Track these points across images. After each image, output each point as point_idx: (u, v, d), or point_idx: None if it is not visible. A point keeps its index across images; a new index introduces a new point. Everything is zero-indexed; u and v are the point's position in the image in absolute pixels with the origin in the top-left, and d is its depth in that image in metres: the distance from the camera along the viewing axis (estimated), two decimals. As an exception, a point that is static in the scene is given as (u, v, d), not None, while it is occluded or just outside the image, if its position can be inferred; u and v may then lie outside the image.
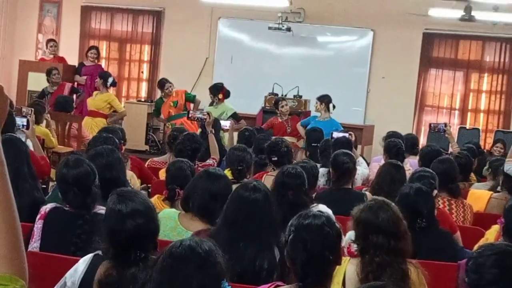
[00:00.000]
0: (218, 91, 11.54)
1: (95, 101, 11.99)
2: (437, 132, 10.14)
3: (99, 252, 3.47)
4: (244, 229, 3.97)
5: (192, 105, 12.09)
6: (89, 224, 4.24)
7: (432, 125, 10.28)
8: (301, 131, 11.25)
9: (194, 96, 12.13)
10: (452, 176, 6.48)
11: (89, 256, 3.49)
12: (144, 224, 3.41)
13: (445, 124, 10.02)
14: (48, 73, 12.29)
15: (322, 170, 7.46)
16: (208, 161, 7.73)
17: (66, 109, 10.87)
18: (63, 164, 4.54)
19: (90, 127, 11.26)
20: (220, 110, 11.54)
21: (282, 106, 11.55)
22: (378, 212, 3.74)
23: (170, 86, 12.12)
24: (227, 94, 11.63)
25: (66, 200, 4.43)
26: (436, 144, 9.34)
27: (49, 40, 14.66)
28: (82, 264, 3.49)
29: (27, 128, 7.57)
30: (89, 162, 4.52)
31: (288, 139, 10.43)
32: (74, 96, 12.64)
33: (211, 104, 11.71)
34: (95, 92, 12.38)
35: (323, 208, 5.07)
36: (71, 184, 4.37)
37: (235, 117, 11.53)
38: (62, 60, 14.33)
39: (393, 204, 3.95)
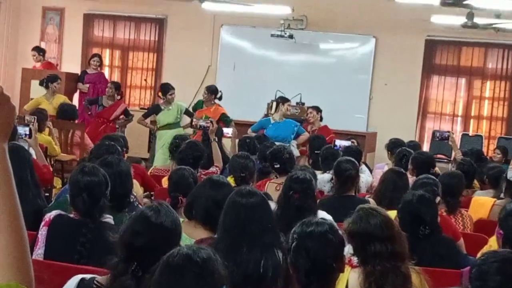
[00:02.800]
0: (168, 90, 11.57)
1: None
2: (441, 140, 10.15)
3: (86, 277, 3.39)
4: (245, 233, 3.96)
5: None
6: (94, 232, 4.24)
7: (437, 133, 10.28)
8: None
9: (231, 120, 11.62)
10: (455, 192, 6.44)
11: (74, 283, 3.35)
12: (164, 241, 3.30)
13: (448, 132, 10.03)
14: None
15: (327, 176, 7.45)
16: (211, 168, 7.73)
17: (70, 117, 10.87)
18: (78, 169, 4.54)
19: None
20: (176, 109, 11.53)
21: (307, 114, 11.59)
22: (369, 220, 3.72)
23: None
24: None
25: (73, 206, 4.44)
26: (427, 151, 9.33)
27: (34, 48, 14.61)
28: None
29: (29, 137, 7.56)
30: (104, 173, 4.51)
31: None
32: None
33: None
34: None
35: (323, 214, 5.08)
36: (82, 190, 4.36)
37: (188, 113, 11.63)
38: (50, 66, 14.40)
39: (380, 208, 3.94)
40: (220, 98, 11.80)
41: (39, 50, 14.46)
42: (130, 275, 3.20)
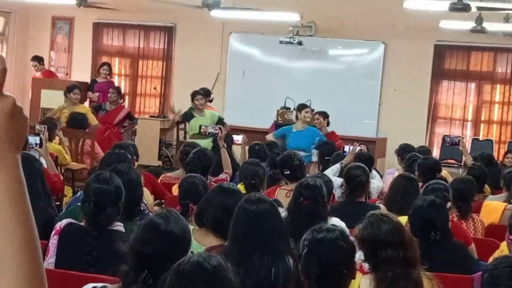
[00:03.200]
0: (194, 95, 11.40)
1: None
2: (451, 145, 10.15)
3: (97, 285, 3.39)
4: (256, 241, 3.97)
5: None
6: (100, 241, 4.23)
7: (447, 138, 10.27)
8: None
9: (223, 119, 11.54)
10: (467, 197, 6.44)
11: None
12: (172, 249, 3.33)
13: (459, 138, 10.02)
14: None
15: (339, 181, 7.43)
16: (221, 175, 7.72)
17: (80, 126, 10.89)
18: (94, 175, 4.56)
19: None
20: (209, 118, 11.37)
21: (314, 120, 11.50)
22: (380, 226, 3.71)
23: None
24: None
25: (83, 211, 4.47)
26: (432, 157, 9.31)
27: (33, 58, 14.64)
28: None
29: (40, 146, 7.58)
30: (119, 184, 4.48)
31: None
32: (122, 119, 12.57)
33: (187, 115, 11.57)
34: None
35: (336, 221, 5.07)
36: (90, 196, 4.39)
37: (221, 122, 11.47)
38: (50, 74, 14.47)
39: (391, 214, 3.93)
40: (211, 101, 11.82)
41: (38, 60, 14.51)
42: (141, 284, 3.21)
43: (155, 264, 3.24)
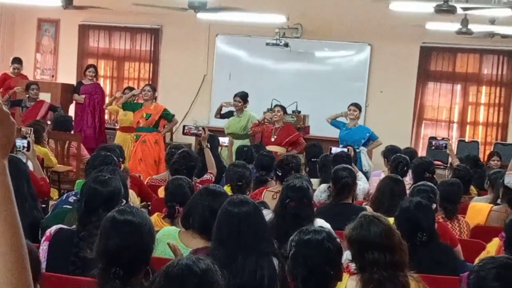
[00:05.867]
0: (247, 97, 11.75)
1: (128, 117, 12.05)
2: (437, 149, 10.20)
3: None
4: (240, 242, 3.96)
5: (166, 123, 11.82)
6: (88, 242, 4.19)
7: (433, 141, 10.31)
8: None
9: (173, 116, 11.62)
10: (453, 199, 6.47)
11: None
12: (136, 237, 3.37)
13: (445, 142, 10.06)
14: (27, 87, 12.31)
15: (323, 186, 7.46)
16: (205, 176, 7.72)
17: (65, 128, 10.85)
18: (94, 176, 4.54)
19: (126, 140, 11.78)
20: (245, 119, 11.60)
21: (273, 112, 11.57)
22: (370, 227, 3.71)
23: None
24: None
25: (76, 208, 4.48)
26: (429, 157, 9.37)
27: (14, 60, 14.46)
28: None
29: (28, 149, 7.55)
30: (115, 187, 4.42)
31: (273, 148, 10.46)
32: (50, 113, 12.34)
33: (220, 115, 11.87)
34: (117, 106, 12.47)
35: (321, 222, 5.08)
36: (83, 195, 4.38)
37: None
38: (24, 77, 14.38)
39: (383, 217, 3.93)
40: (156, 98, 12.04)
41: (19, 62, 14.33)
42: (113, 279, 3.22)
43: (122, 257, 3.26)
